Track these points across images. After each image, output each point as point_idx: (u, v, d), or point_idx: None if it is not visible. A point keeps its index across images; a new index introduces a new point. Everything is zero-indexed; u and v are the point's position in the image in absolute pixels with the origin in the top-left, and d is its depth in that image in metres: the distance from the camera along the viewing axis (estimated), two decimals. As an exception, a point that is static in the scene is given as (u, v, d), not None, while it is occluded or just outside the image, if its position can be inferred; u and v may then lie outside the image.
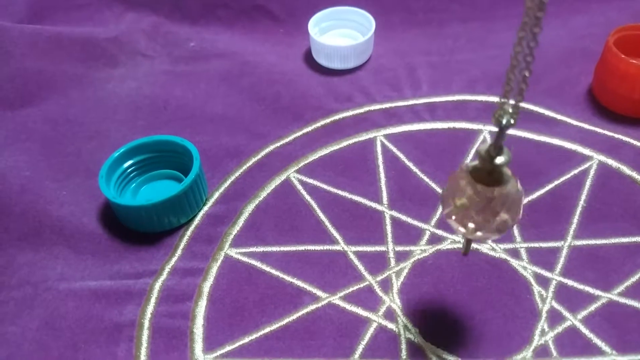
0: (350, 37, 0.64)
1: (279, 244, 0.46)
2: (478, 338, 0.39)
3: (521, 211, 0.32)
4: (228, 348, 0.39)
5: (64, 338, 0.40)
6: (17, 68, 0.58)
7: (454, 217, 0.32)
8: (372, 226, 0.47)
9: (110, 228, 0.47)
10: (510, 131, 0.53)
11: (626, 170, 0.50)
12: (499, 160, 0.30)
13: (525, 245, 0.45)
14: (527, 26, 0.26)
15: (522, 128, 0.53)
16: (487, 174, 0.31)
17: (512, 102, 0.29)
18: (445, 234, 0.46)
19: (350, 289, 0.42)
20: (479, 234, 0.32)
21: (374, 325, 0.40)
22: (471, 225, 0.32)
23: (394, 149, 0.52)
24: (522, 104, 0.29)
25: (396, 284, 0.43)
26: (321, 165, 0.52)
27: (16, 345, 0.40)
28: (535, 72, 0.28)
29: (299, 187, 0.50)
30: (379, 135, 0.54)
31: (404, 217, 0.47)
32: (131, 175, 0.49)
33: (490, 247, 0.44)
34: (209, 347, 0.40)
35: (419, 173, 0.50)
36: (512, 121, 0.29)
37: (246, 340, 0.40)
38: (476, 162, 0.31)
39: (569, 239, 0.45)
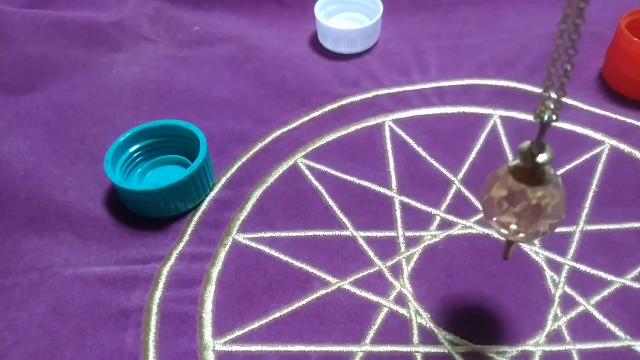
0: (357, 21, 0.63)
1: (287, 229, 0.45)
2: (490, 323, 0.39)
3: (564, 211, 0.31)
4: (237, 333, 0.39)
5: (72, 324, 0.40)
6: (20, 53, 0.57)
7: (495, 219, 0.31)
8: (382, 211, 0.46)
9: (116, 213, 0.46)
10: (520, 116, 0.53)
11: (638, 154, 0.49)
12: (541, 158, 0.28)
13: (537, 230, 0.44)
14: (569, 18, 0.25)
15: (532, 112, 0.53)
16: (529, 173, 0.29)
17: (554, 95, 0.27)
18: (455, 219, 0.45)
19: (360, 274, 0.42)
20: (521, 235, 0.31)
21: (385, 310, 0.40)
22: (513, 227, 0.30)
23: (403, 134, 0.52)
24: (532, 89, 0.28)
25: (407, 269, 0.42)
26: (329, 151, 0.51)
27: (24, 331, 0.39)
28: (545, 56, 0.27)
29: (307, 172, 0.49)
30: (388, 120, 0.53)
31: (413, 202, 0.46)
32: (137, 160, 0.48)
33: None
34: (218, 332, 0.39)
35: (428, 158, 0.50)
36: (554, 117, 0.27)
37: (256, 325, 0.39)
38: (517, 161, 0.30)
39: (581, 223, 0.44)
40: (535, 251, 0.43)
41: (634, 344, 0.38)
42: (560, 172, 0.48)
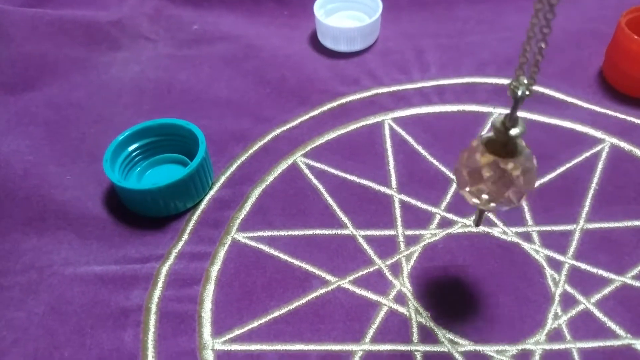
0: (356, 19, 0.63)
1: (286, 228, 0.45)
2: (490, 322, 0.39)
3: (535, 182, 0.32)
4: (237, 332, 0.39)
5: (71, 323, 0.40)
6: (19, 52, 0.57)
7: (467, 189, 0.32)
8: (381, 210, 0.46)
9: (115, 213, 0.46)
10: (521, 114, 0.52)
11: (638, 152, 0.49)
12: (514, 131, 0.30)
13: (537, 228, 0.44)
14: None
15: (533, 111, 0.53)
16: (501, 146, 0.30)
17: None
18: (455, 218, 0.45)
19: (360, 273, 0.42)
20: (492, 205, 0.32)
21: (385, 309, 0.40)
22: (485, 196, 0.32)
23: (403, 133, 0.52)
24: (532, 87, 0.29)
25: (406, 268, 0.42)
26: (328, 149, 0.51)
27: (22, 330, 0.39)
28: (546, 54, 0.27)
29: (306, 171, 0.49)
30: (387, 119, 0.53)
31: (413, 201, 0.46)
32: (136, 159, 0.48)
33: (501, 231, 0.44)
34: (217, 331, 0.39)
35: (428, 156, 0.50)
36: (527, 92, 0.28)
37: (255, 324, 0.39)
38: (491, 134, 0.31)
39: (582, 222, 0.44)
40: (536, 250, 0.43)
41: (635, 343, 0.37)
42: (560, 170, 0.48)
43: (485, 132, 0.50)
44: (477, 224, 0.37)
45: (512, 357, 0.37)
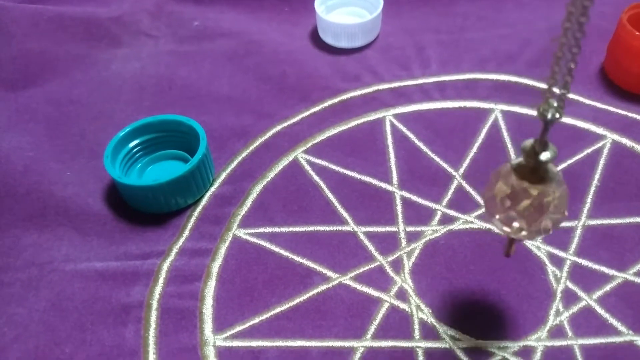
0: (357, 15, 0.63)
1: (287, 225, 0.45)
2: (492, 318, 0.39)
3: (567, 208, 0.31)
4: (238, 328, 0.39)
5: (71, 319, 0.40)
6: (19, 49, 0.57)
7: (497, 217, 0.31)
8: (382, 206, 0.46)
9: (116, 209, 0.46)
10: (521, 110, 0.52)
11: (640, 149, 0.49)
12: (544, 156, 0.28)
13: (539, 224, 0.44)
14: (573, 16, 0.24)
15: (534, 107, 0.52)
16: (531, 171, 0.29)
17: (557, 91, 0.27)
18: (457, 214, 0.45)
19: (361, 269, 0.42)
20: (523, 233, 0.31)
21: (386, 305, 0.40)
22: (516, 224, 0.30)
23: (404, 129, 0.52)
24: (533, 83, 0.28)
25: (407, 265, 0.42)
26: (329, 146, 0.51)
27: (23, 327, 0.39)
28: (547, 51, 0.27)
29: (307, 167, 0.49)
30: (388, 115, 0.53)
31: (414, 197, 0.46)
32: (137, 155, 0.48)
33: (502, 227, 0.44)
34: (218, 327, 0.39)
35: (429, 153, 0.50)
36: (557, 115, 0.27)
37: (256, 320, 0.39)
38: (520, 159, 0.30)
39: (583, 218, 0.44)
40: (537, 246, 0.42)
41: (636, 339, 0.37)
42: (562, 166, 0.48)
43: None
44: (507, 253, 0.35)
45: (514, 354, 0.37)
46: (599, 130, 0.51)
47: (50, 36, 0.59)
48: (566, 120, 0.51)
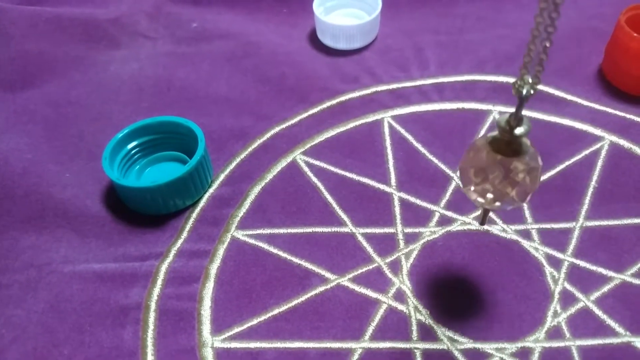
0: (356, 17, 0.63)
1: (286, 226, 0.45)
2: (490, 319, 0.39)
3: (539, 181, 0.32)
4: (236, 330, 0.39)
5: (70, 321, 0.40)
6: (17, 50, 0.57)
7: (472, 188, 0.32)
8: (381, 208, 0.46)
9: (114, 210, 0.46)
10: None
11: (638, 150, 0.49)
12: (519, 130, 0.30)
13: (537, 226, 0.44)
14: None
15: (532, 109, 0.52)
16: (506, 145, 0.30)
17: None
18: (455, 216, 0.45)
19: (359, 271, 0.42)
20: (497, 204, 0.32)
21: (384, 306, 0.40)
22: (490, 195, 0.32)
23: (402, 130, 0.52)
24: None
25: (406, 266, 0.42)
26: (328, 147, 0.51)
27: (21, 328, 0.39)
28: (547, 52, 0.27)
29: (306, 168, 0.49)
30: (387, 117, 0.53)
31: (412, 199, 0.46)
32: (135, 156, 0.48)
33: (501, 229, 0.44)
34: (216, 328, 0.39)
35: (427, 154, 0.50)
36: (532, 92, 0.29)
37: (254, 321, 0.39)
38: (495, 133, 0.31)
39: (581, 219, 0.44)
40: (535, 247, 0.43)
41: (634, 340, 0.37)
42: (559, 168, 0.48)
43: (488, 130, 0.50)
44: (482, 222, 0.37)
45: (512, 355, 0.37)
46: (597, 131, 0.51)
47: (48, 37, 0.59)
48: (564, 121, 0.52)
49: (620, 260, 0.42)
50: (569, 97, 0.54)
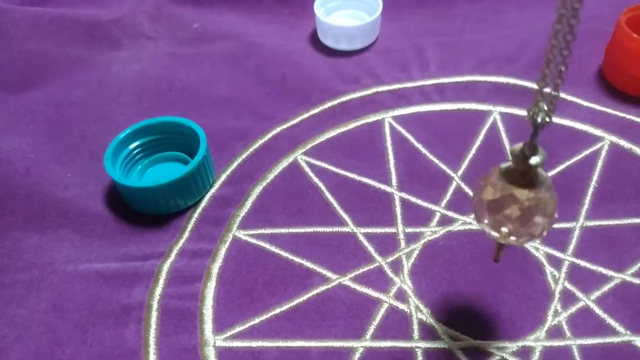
0: (356, 18, 0.63)
1: (287, 226, 0.45)
2: (490, 319, 0.39)
3: (556, 214, 0.30)
4: (238, 329, 0.39)
5: (72, 320, 0.40)
6: (20, 51, 0.57)
7: (486, 221, 0.31)
8: (382, 208, 0.46)
9: (116, 210, 0.46)
10: (520, 112, 0.53)
11: (638, 150, 0.49)
12: (534, 160, 0.28)
13: (537, 226, 0.44)
14: (564, 18, 0.24)
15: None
16: (520, 176, 0.29)
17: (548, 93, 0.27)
18: (455, 216, 0.45)
19: (361, 270, 0.42)
20: (512, 238, 0.30)
21: (385, 306, 0.40)
22: (504, 229, 0.30)
23: (403, 131, 0.52)
24: (532, 85, 0.28)
25: (407, 265, 0.42)
26: (329, 147, 0.51)
27: (24, 328, 0.39)
28: (545, 53, 0.27)
29: (307, 169, 0.49)
30: (387, 117, 0.53)
31: (413, 199, 0.46)
32: (137, 157, 0.48)
33: (501, 228, 0.44)
34: (218, 328, 0.39)
35: (428, 155, 0.50)
36: (547, 119, 0.27)
37: (256, 321, 0.39)
38: (509, 163, 0.29)
39: (581, 219, 0.44)
40: (536, 247, 0.43)
41: (634, 339, 0.38)
42: (560, 168, 0.48)
43: (489, 130, 0.50)
44: (496, 259, 0.34)
45: (512, 354, 0.37)
46: (597, 132, 0.51)
47: (50, 38, 0.59)
48: (564, 122, 0.52)
49: (620, 260, 0.42)
50: (569, 97, 0.54)
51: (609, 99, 0.54)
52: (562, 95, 0.54)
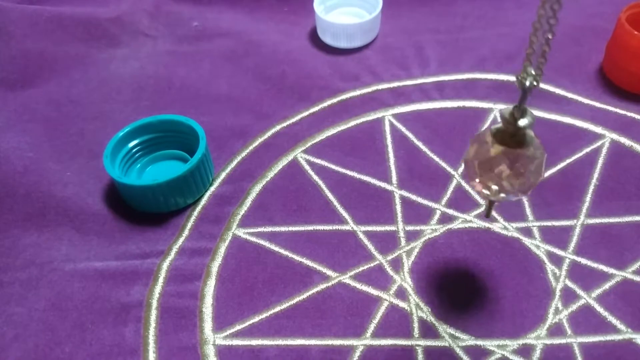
0: (356, 15, 0.63)
1: (287, 224, 0.45)
2: (491, 317, 0.39)
3: (544, 171, 0.32)
4: (238, 327, 0.39)
5: (71, 318, 0.40)
6: (18, 49, 0.57)
7: (477, 180, 0.32)
8: (382, 206, 0.46)
9: (116, 209, 0.46)
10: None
11: (639, 148, 0.49)
12: (523, 122, 0.30)
13: (538, 223, 0.44)
14: None
15: (533, 107, 0.52)
16: (510, 136, 0.31)
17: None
18: (456, 213, 0.45)
19: (361, 268, 0.42)
20: (502, 195, 0.32)
21: (385, 304, 0.40)
22: (495, 187, 0.32)
23: (403, 129, 0.52)
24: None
25: (407, 263, 0.42)
26: (329, 145, 0.51)
27: (23, 326, 0.39)
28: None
29: (307, 167, 0.49)
30: (387, 115, 0.53)
31: (413, 197, 0.46)
32: (136, 155, 0.48)
33: (502, 226, 0.44)
34: (218, 326, 0.39)
35: (428, 152, 0.50)
36: (535, 83, 0.29)
37: (256, 319, 0.39)
38: (499, 125, 0.31)
39: (582, 217, 0.44)
40: (536, 245, 0.43)
41: (635, 337, 0.37)
42: (560, 165, 0.48)
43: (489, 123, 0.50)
44: (487, 214, 0.37)
45: (513, 352, 0.37)
46: (598, 129, 0.51)
47: (49, 36, 0.59)
48: (565, 119, 0.52)
49: (621, 258, 0.42)
50: (570, 95, 0.54)
51: (610, 97, 0.54)
52: (563, 92, 0.54)
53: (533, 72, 0.29)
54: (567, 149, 0.49)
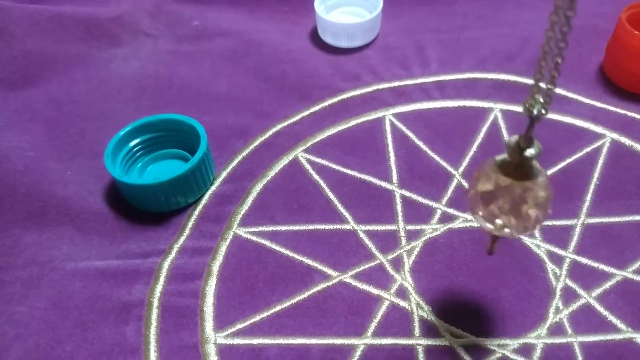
0: (357, 15, 0.63)
1: (288, 223, 0.45)
2: (492, 316, 0.39)
3: (550, 207, 0.30)
4: (239, 326, 0.39)
5: (72, 318, 0.40)
6: (19, 49, 0.57)
7: (480, 214, 0.31)
8: (382, 205, 0.46)
9: (117, 208, 0.46)
10: (521, 109, 0.52)
11: (639, 147, 0.49)
12: (529, 152, 0.28)
13: (538, 223, 0.44)
14: (560, 10, 0.24)
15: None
16: (515, 168, 0.29)
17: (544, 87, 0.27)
18: (456, 213, 0.45)
19: (361, 268, 0.42)
20: (506, 230, 0.30)
21: (386, 303, 0.40)
22: (499, 221, 0.30)
23: (404, 128, 0.52)
24: (531, 82, 0.27)
25: (408, 263, 0.42)
26: (329, 145, 0.51)
27: (24, 325, 0.39)
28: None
29: (307, 166, 0.49)
30: (388, 114, 0.53)
31: (414, 196, 0.46)
32: (137, 154, 0.48)
33: (502, 225, 0.44)
34: (219, 325, 0.39)
35: (429, 152, 0.50)
36: (543, 111, 0.27)
37: (257, 318, 0.39)
38: (504, 155, 0.29)
39: (582, 217, 0.44)
40: (537, 244, 0.43)
41: (636, 337, 0.37)
42: (561, 165, 0.48)
43: (489, 128, 0.50)
44: (490, 251, 0.34)
45: (514, 351, 0.37)
46: (598, 129, 0.51)
47: (49, 36, 0.59)
48: (565, 119, 0.52)
49: (621, 257, 0.42)
50: (570, 94, 0.54)
51: (610, 96, 0.54)
52: (563, 92, 0.54)
53: (541, 100, 0.27)
54: (567, 149, 0.49)
